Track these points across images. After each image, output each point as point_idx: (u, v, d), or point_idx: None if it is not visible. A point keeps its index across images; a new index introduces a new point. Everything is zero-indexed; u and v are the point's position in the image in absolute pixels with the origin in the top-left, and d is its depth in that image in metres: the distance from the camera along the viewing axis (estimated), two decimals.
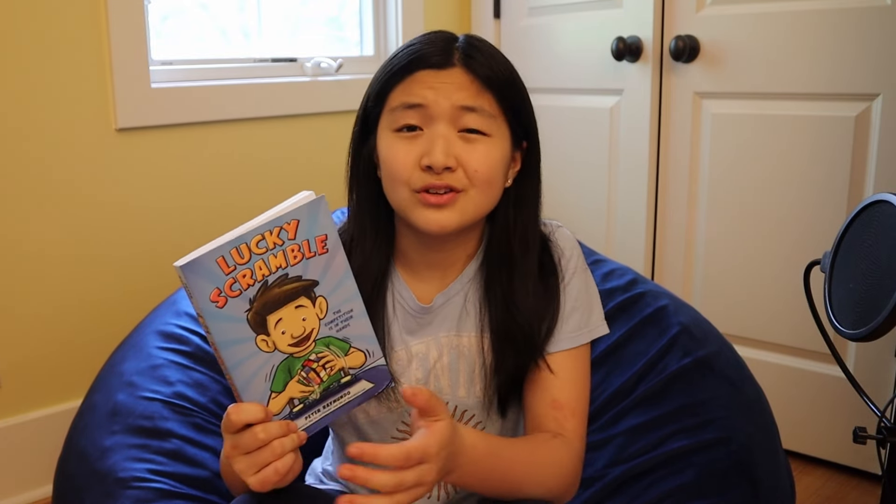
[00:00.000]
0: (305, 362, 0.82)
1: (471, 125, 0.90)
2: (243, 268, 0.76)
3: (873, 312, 1.03)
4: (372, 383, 0.87)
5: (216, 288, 0.75)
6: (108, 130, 1.77)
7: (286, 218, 0.77)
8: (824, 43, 1.72)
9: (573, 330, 0.97)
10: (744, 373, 1.28)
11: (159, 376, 1.27)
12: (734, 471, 1.13)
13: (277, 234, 0.77)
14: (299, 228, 0.78)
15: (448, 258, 0.98)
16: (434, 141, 0.88)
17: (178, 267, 0.74)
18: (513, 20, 2.30)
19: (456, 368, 0.97)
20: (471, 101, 0.89)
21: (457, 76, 0.90)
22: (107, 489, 1.09)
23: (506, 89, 0.93)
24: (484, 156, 0.90)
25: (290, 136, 2.07)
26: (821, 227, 1.77)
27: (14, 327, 1.70)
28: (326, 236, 0.79)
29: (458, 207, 0.90)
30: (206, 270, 0.75)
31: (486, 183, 0.91)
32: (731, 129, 1.89)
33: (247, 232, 0.75)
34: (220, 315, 0.76)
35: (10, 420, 1.72)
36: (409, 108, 0.90)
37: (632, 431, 1.23)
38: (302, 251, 0.78)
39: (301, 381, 0.83)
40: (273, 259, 0.77)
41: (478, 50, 0.92)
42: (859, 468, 1.79)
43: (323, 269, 0.80)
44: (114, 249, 1.81)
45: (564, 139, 2.19)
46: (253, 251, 0.76)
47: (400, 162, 0.90)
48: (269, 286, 0.78)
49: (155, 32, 1.90)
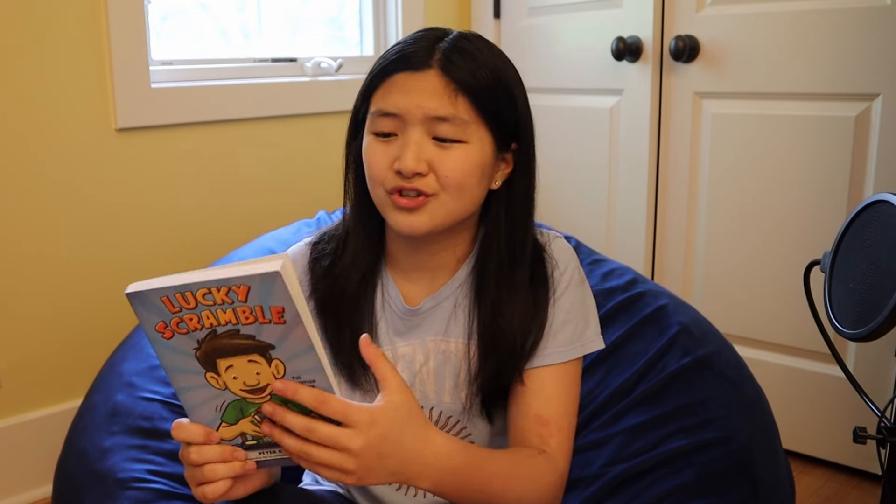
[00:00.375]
0: (259, 409, 0.78)
1: (443, 134, 0.89)
2: (189, 312, 0.72)
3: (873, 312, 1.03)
4: None
5: (161, 321, 0.73)
6: (108, 130, 1.77)
7: (235, 281, 0.71)
8: (824, 43, 1.72)
9: (563, 344, 0.95)
10: (744, 373, 1.28)
11: (159, 377, 1.27)
12: (734, 471, 1.13)
13: (226, 294, 0.71)
14: (250, 294, 0.71)
15: (435, 261, 0.98)
16: (406, 146, 0.89)
17: (126, 294, 0.72)
18: (513, 20, 2.30)
19: (442, 374, 0.97)
20: (442, 111, 0.88)
21: (431, 80, 0.89)
22: (106, 489, 1.09)
23: (484, 94, 0.90)
24: (456, 162, 0.89)
25: (290, 136, 2.07)
26: (821, 227, 1.77)
27: (14, 327, 1.70)
28: (283, 309, 0.72)
29: (428, 211, 0.90)
30: (150, 304, 0.72)
31: (458, 188, 0.90)
32: (731, 129, 1.89)
33: (194, 282, 0.71)
34: (166, 345, 0.74)
35: (10, 420, 1.72)
36: (384, 116, 0.90)
37: (631, 431, 1.22)
38: (255, 315, 0.73)
39: (254, 423, 0.80)
40: (222, 313, 0.73)
41: (461, 51, 0.90)
42: (859, 468, 1.79)
43: (279, 337, 0.74)
44: (114, 249, 1.81)
45: (564, 139, 2.19)
46: (199, 301, 0.72)
47: (376, 163, 0.91)
48: (219, 335, 0.74)
49: (155, 32, 1.90)
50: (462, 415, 0.97)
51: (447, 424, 0.98)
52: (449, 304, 0.98)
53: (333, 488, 1.07)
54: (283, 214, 1.99)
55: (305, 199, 2.09)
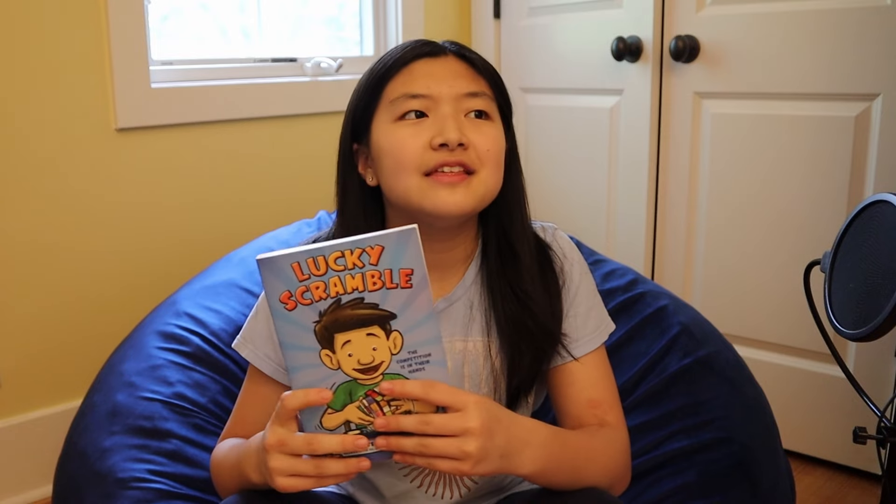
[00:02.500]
0: (369, 392, 0.78)
1: (477, 107, 0.91)
2: (317, 279, 0.73)
3: (873, 312, 1.03)
4: None
5: (287, 290, 0.73)
6: (108, 130, 1.77)
7: (370, 241, 0.72)
8: (824, 43, 1.72)
9: (593, 330, 0.98)
10: (744, 373, 1.28)
11: (159, 377, 1.27)
12: (734, 471, 1.13)
13: (358, 256, 0.72)
14: (383, 255, 0.73)
15: (444, 259, 0.97)
16: (444, 120, 0.89)
17: (257, 259, 0.73)
18: (513, 20, 2.30)
19: (460, 374, 0.97)
20: (473, 87, 0.91)
21: (452, 63, 0.92)
22: (106, 489, 1.09)
23: (496, 79, 0.95)
24: (492, 136, 0.92)
25: (290, 136, 2.07)
26: (821, 227, 1.77)
27: (14, 327, 1.70)
28: (413, 271, 0.73)
29: (471, 189, 0.89)
30: (279, 270, 0.73)
31: (496, 163, 0.91)
32: (730, 129, 1.89)
33: (326, 245, 0.72)
34: (287, 317, 0.74)
35: (10, 420, 1.72)
36: (411, 98, 0.90)
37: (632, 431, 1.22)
38: (383, 279, 0.73)
39: (361, 409, 0.78)
40: (350, 279, 0.73)
41: (465, 48, 0.96)
42: (859, 468, 1.79)
43: (403, 304, 0.74)
44: (113, 249, 1.81)
45: (564, 139, 2.19)
46: (330, 266, 0.73)
47: (409, 147, 0.89)
48: (342, 305, 0.74)
49: (155, 32, 1.90)
50: None
51: None
52: (463, 303, 0.97)
53: (335, 489, 1.07)
54: (283, 214, 1.99)
55: (305, 199, 2.09)
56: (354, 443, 0.77)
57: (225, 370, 1.33)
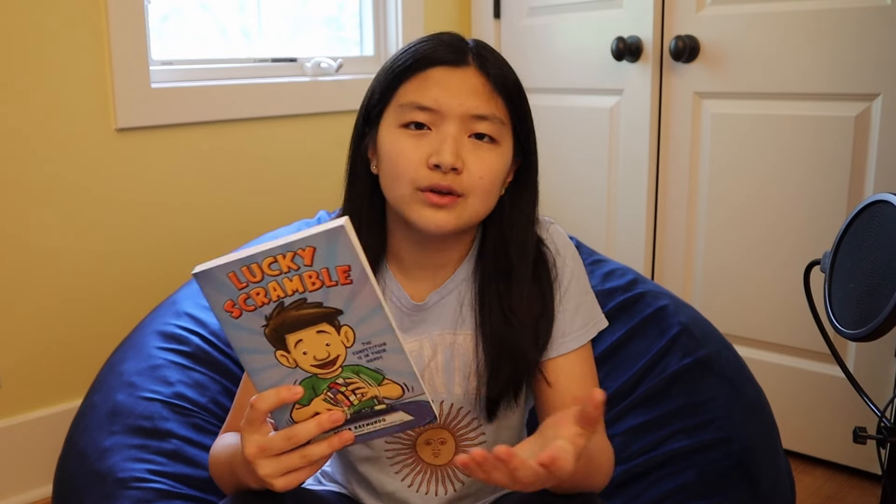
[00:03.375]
0: (332, 384, 0.78)
1: (481, 131, 0.90)
2: (256, 286, 0.72)
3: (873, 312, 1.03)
4: (411, 416, 0.81)
5: (229, 300, 0.73)
6: (108, 130, 1.77)
7: (300, 244, 0.71)
8: (824, 43, 1.72)
9: (581, 327, 0.97)
10: (744, 373, 1.28)
11: (159, 376, 1.27)
12: (734, 471, 1.13)
13: (292, 259, 0.71)
14: (316, 256, 0.71)
15: (440, 258, 0.98)
16: (444, 140, 0.88)
17: (193, 273, 0.72)
18: (513, 20, 2.30)
19: (451, 367, 0.97)
20: (483, 109, 0.89)
21: (471, 77, 0.90)
22: (106, 489, 1.09)
23: (515, 95, 0.93)
24: (489, 163, 0.90)
25: (290, 136, 2.07)
26: (821, 227, 1.77)
27: (14, 327, 1.70)
28: (350, 267, 0.72)
29: (457, 211, 0.89)
30: (217, 281, 0.72)
31: (487, 191, 0.91)
32: (731, 129, 1.89)
33: (258, 252, 0.71)
34: (235, 325, 0.74)
35: (10, 420, 1.72)
36: (419, 110, 0.89)
37: (632, 431, 1.23)
38: (321, 279, 0.72)
39: (328, 400, 0.79)
40: (288, 282, 0.72)
41: (489, 52, 0.93)
42: (859, 468, 1.79)
43: (347, 300, 0.73)
44: (113, 249, 1.81)
45: (564, 139, 2.19)
46: (265, 272, 0.72)
47: (406, 158, 0.89)
48: (286, 307, 0.74)
49: (155, 32, 1.90)
50: (472, 405, 0.98)
51: (458, 416, 0.98)
52: (454, 297, 0.98)
53: (336, 489, 1.07)
54: (284, 214, 1.98)
55: (305, 199, 2.09)
56: (330, 419, 0.78)
57: (225, 370, 1.33)
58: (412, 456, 0.99)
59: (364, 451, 1.00)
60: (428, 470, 1.00)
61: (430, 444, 0.99)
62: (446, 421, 0.98)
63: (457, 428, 0.99)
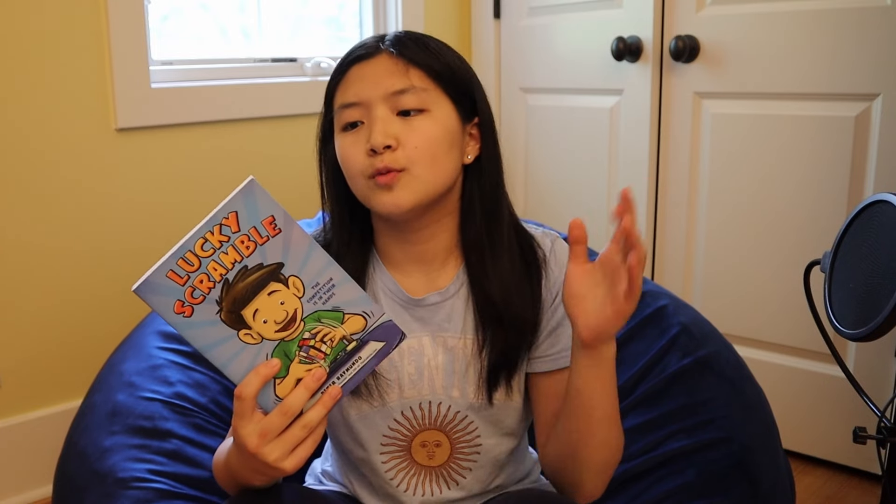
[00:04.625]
0: (300, 342, 0.79)
1: (405, 105, 0.92)
2: (197, 274, 0.74)
3: (873, 312, 1.03)
4: (382, 342, 0.83)
5: (177, 300, 0.74)
6: (108, 130, 1.77)
7: (222, 213, 0.74)
8: (824, 43, 1.72)
9: None
10: (744, 373, 1.29)
11: (159, 376, 1.27)
12: (734, 471, 1.13)
13: (220, 232, 0.74)
14: (240, 218, 0.74)
15: (426, 250, 0.98)
16: (373, 124, 0.91)
17: (133, 290, 0.73)
18: (513, 20, 2.30)
19: (451, 369, 0.97)
20: (399, 84, 0.91)
21: (383, 62, 0.93)
22: (106, 489, 1.09)
23: (435, 63, 0.94)
24: (423, 132, 0.91)
25: (290, 136, 2.07)
26: (821, 227, 1.77)
27: (14, 327, 1.70)
28: (273, 217, 0.75)
29: (406, 186, 0.90)
30: (160, 287, 0.73)
31: (430, 158, 0.91)
32: (731, 129, 1.89)
33: (187, 239, 0.73)
34: (190, 324, 0.75)
35: (10, 420, 1.72)
36: (347, 108, 0.93)
37: (632, 431, 1.23)
38: (252, 239, 0.75)
39: (303, 361, 0.80)
40: (225, 256, 0.74)
41: (406, 36, 0.95)
42: (859, 468, 1.79)
43: (283, 250, 0.76)
44: (114, 249, 1.81)
45: (564, 139, 2.19)
46: (200, 255, 0.73)
47: (351, 155, 0.92)
48: (232, 283, 0.75)
49: (155, 32, 1.90)
50: (470, 411, 0.98)
51: (455, 419, 0.98)
52: (458, 300, 0.98)
53: (337, 488, 1.07)
54: None
55: (305, 199, 2.08)
56: (314, 377, 0.79)
57: None
58: (406, 459, 0.99)
59: (360, 453, 1.00)
60: (422, 472, 1.00)
61: (425, 447, 0.99)
62: (442, 423, 0.98)
63: (453, 431, 0.99)
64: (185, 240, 0.73)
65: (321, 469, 1.12)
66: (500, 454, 1.01)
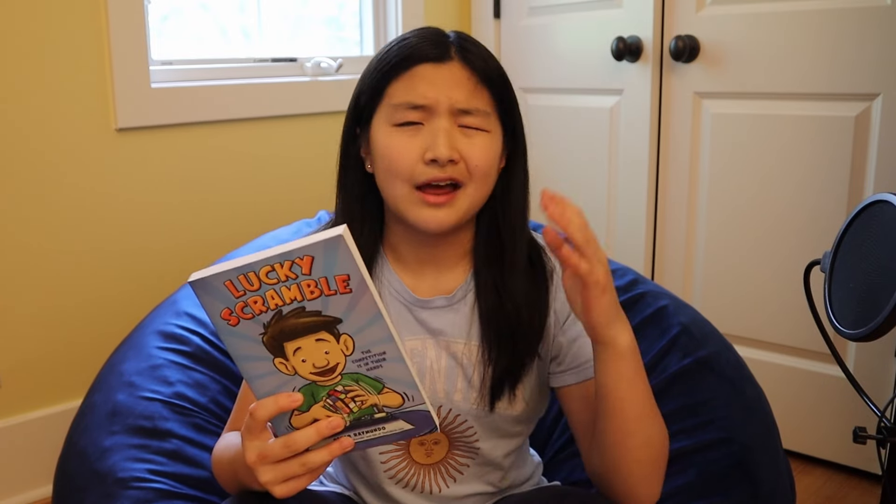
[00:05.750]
0: (331, 392, 0.77)
1: (469, 123, 0.92)
2: (254, 294, 0.72)
3: (873, 312, 1.03)
4: (411, 425, 0.80)
5: (226, 308, 0.72)
6: (108, 130, 1.77)
7: (299, 253, 0.70)
8: (824, 43, 1.72)
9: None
10: (744, 373, 1.28)
11: (159, 376, 1.27)
12: (734, 471, 1.13)
13: (289, 268, 0.70)
14: (314, 265, 0.70)
15: (442, 255, 0.98)
16: (437, 134, 0.89)
17: (189, 282, 0.72)
18: (513, 20, 2.30)
19: (454, 374, 0.97)
20: (469, 103, 0.91)
21: (455, 71, 0.91)
22: (106, 489, 1.09)
23: (500, 84, 0.94)
24: (483, 150, 0.91)
25: (290, 136, 2.07)
26: (821, 227, 1.77)
27: (14, 327, 1.70)
28: (349, 276, 0.71)
29: (456, 206, 0.91)
30: (214, 290, 0.71)
31: (484, 177, 0.92)
32: (731, 129, 1.89)
33: (256, 261, 0.70)
34: (233, 332, 0.74)
35: (10, 420, 1.72)
36: (412, 108, 0.91)
37: None
38: (320, 287, 0.71)
39: (327, 407, 0.78)
40: (286, 291, 0.72)
41: (471, 44, 0.94)
42: (859, 468, 1.79)
43: (346, 309, 0.72)
44: (113, 249, 1.81)
45: (564, 139, 2.19)
46: (263, 280, 0.71)
47: (402, 156, 0.90)
48: (284, 316, 0.73)
49: (155, 32, 1.90)
50: (470, 416, 0.98)
51: (455, 422, 0.98)
52: (465, 306, 0.98)
53: (338, 489, 1.07)
54: (283, 214, 1.99)
55: (305, 199, 2.09)
56: (329, 426, 0.78)
57: (225, 370, 1.33)
58: (405, 458, 0.99)
59: (359, 453, 1.00)
60: (421, 470, 1.00)
61: (423, 445, 0.99)
62: (443, 426, 0.98)
63: (453, 433, 0.99)
64: (254, 260, 0.70)
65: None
66: (498, 456, 1.01)
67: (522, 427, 1.02)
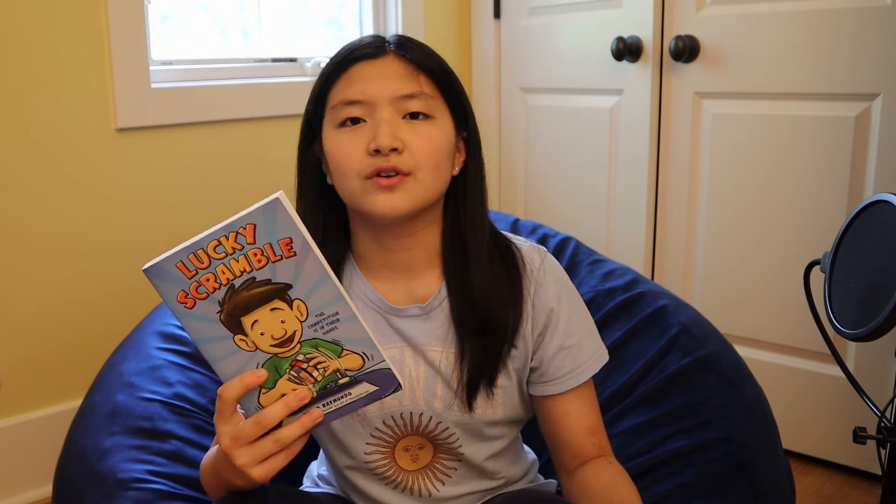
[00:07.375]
0: (293, 362, 0.79)
1: (413, 109, 0.91)
2: (205, 272, 0.75)
3: (873, 312, 1.03)
4: (376, 386, 0.82)
5: (181, 290, 0.75)
6: (108, 130, 1.77)
7: (240, 222, 0.73)
8: (824, 43, 1.72)
9: (588, 357, 0.98)
10: (744, 373, 1.28)
11: (159, 377, 1.27)
12: (734, 471, 1.13)
13: (234, 239, 0.74)
14: (257, 232, 0.74)
15: (406, 258, 0.97)
16: (379, 125, 0.89)
17: (143, 269, 0.74)
18: (513, 20, 2.30)
19: (433, 382, 0.96)
20: (409, 89, 0.91)
21: (391, 63, 0.92)
22: (106, 490, 1.09)
23: (440, 72, 0.94)
24: (429, 137, 0.91)
25: (290, 136, 2.05)
26: (821, 227, 1.77)
27: (14, 327, 1.70)
28: (291, 239, 0.74)
29: (408, 190, 0.90)
30: (168, 274, 0.74)
31: (434, 165, 0.91)
32: (731, 129, 1.89)
33: (202, 237, 0.74)
34: (191, 315, 0.76)
35: (10, 420, 1.72)
36: (349, 105, 0.91)
37: (632, 431, 1.23)
38: (266, 255, 0.75)
39: (292, 380, 0.80)
40: (235, 263, 0.75)
41: (408, 40, 0.95)
42: (859, 468, 1.79)
43: (294, 273, 0.75)
44: (114, 249, 1.81)
45: (564, 139, 2.19)
46: (212, 256, 0.74)
47: (347, 152, 0.90)
48: (237, 289, 0.76)
49: (155, 32, 1.90)
50: (451, 422, 0.97)
51: (437, 429, 0.97)
52: (441, 313, 0.97)
53: (334, 491, 1.07)
54: None
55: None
56: (297, 397, 0.79)
57: None
58: (392, 466, 0.99)
59: (346, 461, 1.00)
60: (410, 476, 1.00)
61: (408, 451, 0.99)
62: (426, 433, 0.98)
63: (436, 439, 0.99)
64: (200, 237, 0.74)
65: (317, 472, 1.12)
66: (482, 459, 1.00)
67: (504, 430, 1.01)
